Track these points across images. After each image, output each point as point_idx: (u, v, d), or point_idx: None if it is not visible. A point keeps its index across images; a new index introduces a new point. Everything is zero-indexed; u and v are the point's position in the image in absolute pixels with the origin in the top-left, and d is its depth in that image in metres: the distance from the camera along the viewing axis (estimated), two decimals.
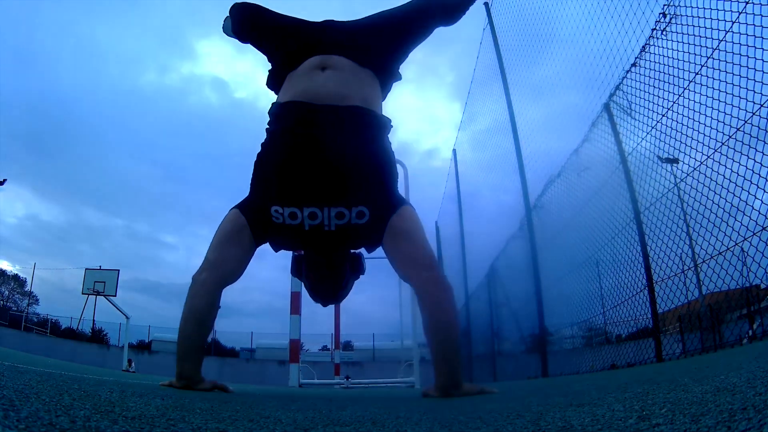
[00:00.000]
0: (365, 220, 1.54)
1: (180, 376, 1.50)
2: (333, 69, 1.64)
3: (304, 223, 1.53)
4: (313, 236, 1.57)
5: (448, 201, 11.54)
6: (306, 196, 1.52)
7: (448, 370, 1.49)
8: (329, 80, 1.61)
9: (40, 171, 64.46)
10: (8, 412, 0.51)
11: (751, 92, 2.22)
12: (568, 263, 4.69)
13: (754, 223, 2.30)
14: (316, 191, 1.52)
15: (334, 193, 1.52)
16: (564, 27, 4.26)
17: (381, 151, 1.62)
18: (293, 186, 1.52)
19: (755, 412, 0.51)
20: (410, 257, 1.55)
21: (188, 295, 1.54)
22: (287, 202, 1.52)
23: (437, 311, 1.50)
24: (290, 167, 1.53)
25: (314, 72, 1.64)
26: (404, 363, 8.64)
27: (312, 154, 1.51)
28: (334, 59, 1.66)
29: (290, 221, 1.53)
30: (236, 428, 0.62)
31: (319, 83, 1.60)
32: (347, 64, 1.66)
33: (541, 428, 0.59)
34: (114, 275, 16.35)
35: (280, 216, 1.54)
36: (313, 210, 1.52)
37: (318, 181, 1.51)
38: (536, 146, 5.45)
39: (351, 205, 1.53)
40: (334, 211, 1.52)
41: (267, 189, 1.58)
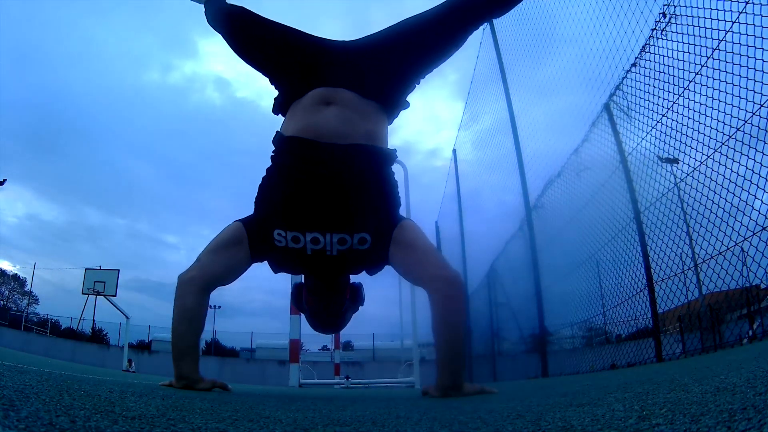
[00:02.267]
0: (366, 246, 1.57)
1: (179, 376, 1.51)
2: (337, 104, 1.62)
3: (306, 247, 1.55)
4: (315, 260, 1.59)
5: (448, 201, 11.54)
6: (309, 222, 1.54)
7: (452, 370, 1.49)
8: (333, 117, 1.60)
9: (41, 170, 64.55)
10: (8, 412, 0.51)
11: (751, 92, 2.22)
12: (568, 263, 4.69)
13: (754, 223, 2.30)
14: (319, 218, 1.54)
15: (337, 221, 1.55)
16: (564, 27, 4.26)
17: (383, 183, 1.63)
18: (297, 213, 1.55)
19: (755, 412, 0.51)
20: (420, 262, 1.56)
21: (176, 296, 1.55)
22: (290, 226, 1.55)
23: (449, 310, 1.49)
24: (293, 198, 1.56)
25: (318, 107, 1.62)
26: (404, 363, 8.64)
27: (315, 188, 1.54)
28: (338, 93, 1.64)
29: (293, 245, 1.56)
30: (236, 428, 0.62)
31: (323, 120, 1.59)
32: (352, 98, 1.64)
33: (541, 428, 0.59)
34: (114, 275, 16.36)
35: (283, 239, 1.56)
36: (316, 235, 1.54)
37: (321, 210, 1.54)
38: (536, 146, 5.46)
39: (353, 231, 1.55)
40: (336, 237, 1.55)
41: (270, 213, 1.59)
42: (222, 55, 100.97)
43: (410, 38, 1.73)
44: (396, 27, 1.76)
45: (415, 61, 1.75)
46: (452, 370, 1.49)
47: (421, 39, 1.73)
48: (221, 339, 28.14)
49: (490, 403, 1.05)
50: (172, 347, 1.54)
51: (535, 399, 1.07)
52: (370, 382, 8.28)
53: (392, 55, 1.72)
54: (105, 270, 16.81)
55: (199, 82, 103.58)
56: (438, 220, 13.32)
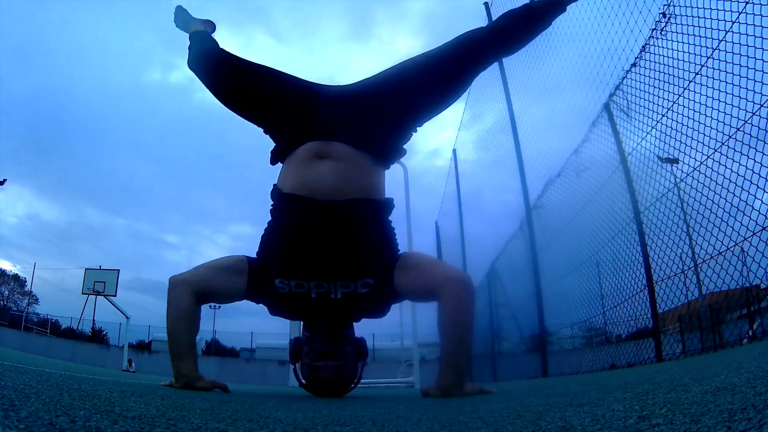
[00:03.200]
0: (368, 290, 1.58)
1: (178, 375, 1.50)
2: (332, 159, 1.59)
3: (311, 291, 1.57)
4: (320, 304, 1.59)
5: (448, 201, 11.54)
6: (311, 273, 1.56)
7: (455, 370, 1.49)
8: (328, 173, 1.58)
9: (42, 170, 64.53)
10: (8, 412, 0.51)
11: (751, 92, 2.22)
12: (568, 263, 4.69)
13: (754, 223, 2.30)
14: (321, 269, 1.56)
15: (338, 270, 1.56)
16: (564, 27, 4.26)
17: (382, 232, 1.64)
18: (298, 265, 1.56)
19: (755, 412, 0.51)
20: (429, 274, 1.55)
21: (170, 297, 1.55)
22: (293, 275, 1.57)
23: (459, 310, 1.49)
24: (295, 253, 1.57)
25: (313, 161, 1.60)
26: (404, 363, 8.63)
27: (314, 242, 1.56)
28: (332, 147, 1.60)
29: (297, 290, 1.57)
30: (236, 428, 0.62)
31: (318, 177, 1.57)
32: (346, 152, 1.60)
33: (541, 428, 0.59)
34: (114, 275, 16.36)
35: (286, 286, 1.57)
36: (319, 282, 1.57)
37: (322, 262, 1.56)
38: (536, 146, 5.46)
39: (356, 278, 1.57)
40: (339, 284, 1.57)
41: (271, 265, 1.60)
42: None
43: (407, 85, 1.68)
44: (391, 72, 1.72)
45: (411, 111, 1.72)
46: (455, 369, 1.49)
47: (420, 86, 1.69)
48: (221, 339, 28.17)
49: (490, 403, 1.05)
50: (170, 347, 1.54)
51: (535, 399, 1.07)
52: (370, 382, 8.28)
53: (387, 105, 1.69)
54: (105, 270, 16.82)
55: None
56: (438, 220, 13.32)
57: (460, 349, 1.50)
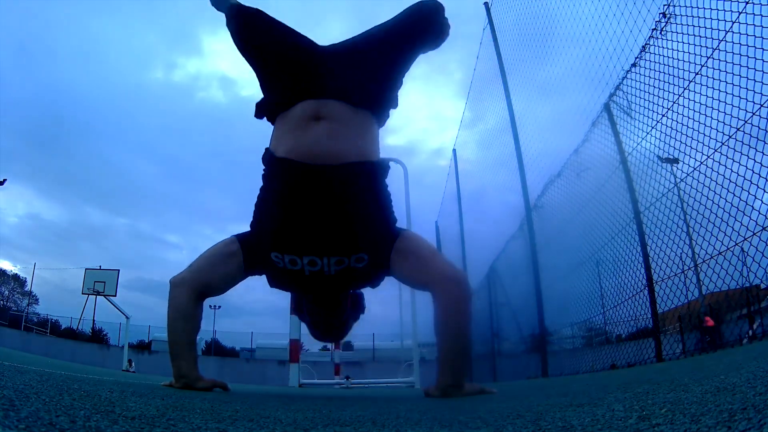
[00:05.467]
0: (364, 264, 1.56)
1: (178, 375, 1.50)
2: (327, 119, 1.57)
3: (304, 269, 1.55)
4: (314, 280, 1.58)
5: (448, 201, 11.55)
6: (305, 247, 1.53)
7: (454, 370, 1.49)
8: (323, 135, 1.55)
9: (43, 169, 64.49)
10: (8, 412, 0.51)
11: (751, 92, 2.22)
12: (568, 263, 4.69)
13: (754, 223, 2.30)
14: (315, 243, 1.53)
15: (333, 244, 1.53)
16: (564, 27, 4.26)
17: (378, 197, 1.61)
18: (292, 238, 1.54)
19: (755, 412, 0.51)
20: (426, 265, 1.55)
21: (170, 297, 1.56)
22: (287, 250, 1.54)
23: (456, 309, 1.49)
24: (288, 222, 1.54)
25: (308, 123, 1.57)
26: (404, 363, 8.63)
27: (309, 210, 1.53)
28: (328, 107, 1.59)
29: (291, 267, 1.55)
30: (236, 428, 0.62)
31: (313, 139, 1.55)
32: (341, 111, 1.59)
33: (541, 428, 0.59)
34: (114, 275, 16.36)
35: (281, 261, 1.55)
36: (313, 258, 1.53)
37: (316, 234, 1.53)
38: (536, 146, 5.46)
39: (350, 253, 1.54)
40: (333, 259, 1.54)
41: (266, 237, 1.58)
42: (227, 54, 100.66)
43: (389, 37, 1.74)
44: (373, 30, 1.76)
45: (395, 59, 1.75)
46: (454, 369, 1.48)
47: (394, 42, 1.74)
48: (221, 339, 28.18)
49: (490, 403, 1.05)
50: (169, 347, 1.54)
51: (535, 399, 1.07)
52: (370, 382, 8.28)
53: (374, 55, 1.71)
54: (105, 270, 16.81)
55: (203, 81, 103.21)
56: (438, 220, 13.33)
57: (458, 349, 1.50)
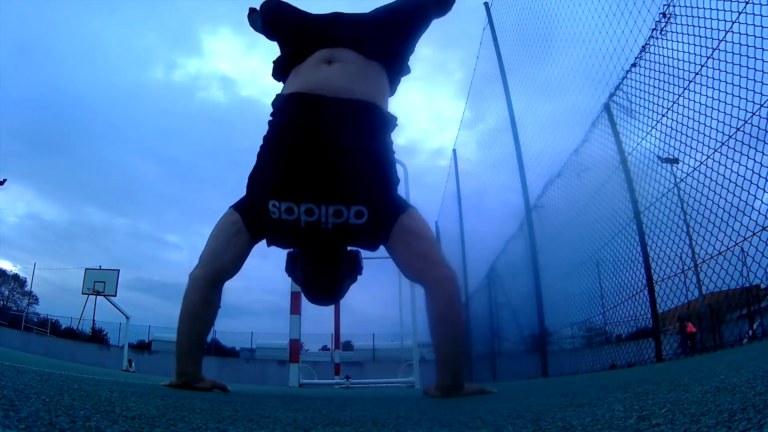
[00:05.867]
0: (364, 221, 1.51)
1: (179, 373, 1.49)
2: (340, 62, 1.62)
3: (300, 219, 1.50)
4: (309, 233, 1.53)
5: (448, 200, 11.54)
6: (303, 192, 1.49)
7: (452, 370, 1.48)
8: (335, 73, 1.59)
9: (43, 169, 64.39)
10: (8, 412, 0.51)
11: (751, 92, 2.22)
12: (568, 263, 4.69)
13: (754, 223, 2.30)
14: (314, 187, 1.49)
15: (333, 190, 1.49)
16: (564, 27, 4.26)
17: (383, 148, 1.59)
18: (291, 180, 1.50)
19: (755, 412, 0.51)
20: (424, 254, 1.53)
21: (184, 293, 1.53)
22: (284, 196, 1.49)
23: (448, 308, 1.49)
24: (290, 160, 1.50)
25: (320, 65, 1.62)
26: (404, 363, 8.63)
27: (313, 147, 1.49)
28: (341, 52, 1.64)
29: (286, 216, 1.50)
30: (236, 428, 0.62)
31: (325, 76, 1.59)
32: (354, 57, 1.64)
33: (541, 428, 0.59)
34: (114, 275, 16.36)
35: (277, 210, 1.50)
36: (310, 206, 1.49)
37: (317, 177, 1.48)
38: (536, 146, 5.46)
39: (350, 203, 1.49)
40: (332, 209, 1.49)
41: (265, 183, 1.55)
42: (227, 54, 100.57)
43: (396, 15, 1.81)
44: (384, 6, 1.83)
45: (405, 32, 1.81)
46: (453, 369, 1.48)
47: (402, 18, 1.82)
48: (221, 339, 28.14)
49: (490, 403, 1.05)
50: (177, 344, 1.53)
51: (535, 399, 1.07)
52: (370, 382, 8.28)
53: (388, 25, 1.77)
54: (105, 270, 16.81)
55: (203, 81, 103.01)
56: (438, 220, 13.32)
57: (453, 348, 1.50)
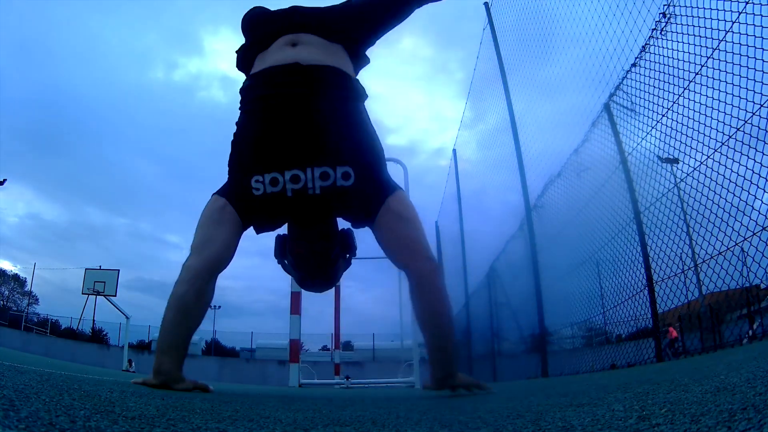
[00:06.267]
0: (351, 182, 1.45)
1: (157, 371, 1.34)
2: (303, 44, 1.63)
3: (286, 188, 1.44)
4: (297, 203, 1.47)
5: (448, 201, 11.54)
6: (286, 159, 1.44)
7: (443, 360, 1.49)
8: (302, 51, 1.60)
9: (43, 169, 64.42)
10: (8, 412, 0.51)
11: (751, 92, 2.22)
12: (568, 263, 4.69)
13: (754, 223, 2.30)
14: (297, 151, 1.44)
15: (316, 151, 1.44)
16: (564, 27, 4.26)
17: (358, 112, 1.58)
18: (271, 150, 1.45)
19: (755, 412, 0.51)
20: (408, 241, 1.50)
21: (175, 283, 1.42)
22: (267, 168, 1.44)
23: (433, 299, 1.48)
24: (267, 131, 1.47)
25: (285, 48, 1.63)
26: (404, 363, 8.64)
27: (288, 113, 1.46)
28: (303, 36, 1.65)
29: (272, 188, 1.44)
30: (236, 428, 0.62)
31: (292, 53, 1.59)
32: (317, 40, 1.65)
33: (541, 428, 0.59)
34: (114, 275, 16.36)
35: (261, 185, 1.45)
36: (296, 172, 1.43)
37: (297, 141, 1.44)
38: (536, 146, 5.46)
39: (335, 163, 1.44)
40: (318, 171, 1.43)
41: (245, 162, 1.50)
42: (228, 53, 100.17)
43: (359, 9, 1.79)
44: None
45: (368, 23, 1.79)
46: (444, 361, 1.49)
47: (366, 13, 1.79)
48: (221, 339, 28.18)
49: (490, 403, 1.05)
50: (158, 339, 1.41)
51: (535, 399, 1.07)
52: (370, 382, 8.29)
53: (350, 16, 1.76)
54: (105, 270, 16.82)
55: (204, 80, 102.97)
56: (438, 220, 13.32)
57: (444, 339, 1.49)
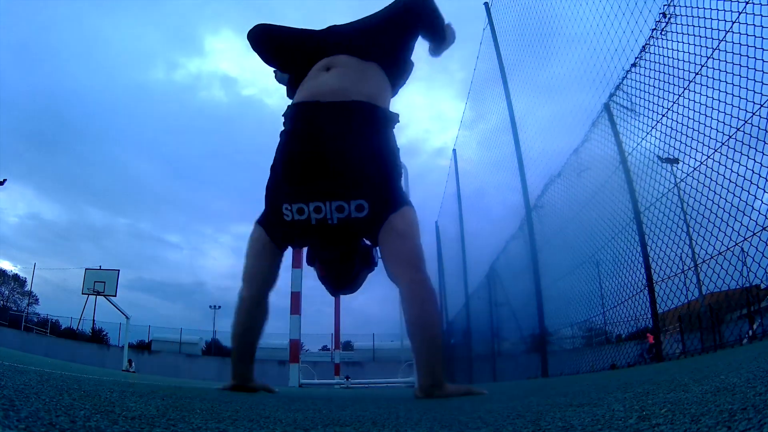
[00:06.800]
0: (365, 214, 1.60)
1: (234, 376, 1.74)
2: (337, 67, 1.76)
3: (311, 217, 1.62)
4: (321, 230, 1.65)
5: (448, 200, 11.54)
6: (310, 192, 1.61)
7: (430, 370, 1.54)
8: (332, 78, 1.73)
9: (44, 169, 64.46)
10: (8, 412, 0.51)
11: (751, 92, 2.22)
12: (568, 263, 4.69)
13: (754, 223, 2.30)
14: (318, 186, 1.61)
15: (333, 186, 1.60)
16: (564, 27, 4.26)
17: (382, 145, 1.68)
18: (298, 183, 1.63)
19: (755, 412, 0.51)
20: (401, 257, 1.62)
21: (236, 311, 1.74)
22: (294, 199, 1.63)
23: (422, 312, 1.57)
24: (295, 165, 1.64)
25: (320, 73, 1.78)
26: (404, 363, 8.63)
27: (313, 150, 1.62)
28: (338, 59, 1.78)
29: (298, 216, 1.63)
30: (236, 428, 0.62)
31: (323, 81, 1.73)
32: (350, 61, 1.77)
33: (541, 428, 0.59)
34: (114, 275, 16.36)
35: (290, 213, 1.64)
36: (318, 204, 1.61)
37: (319, 177, 1.61)
38: (537, 146, 5.45)
39: (350, 198, 1.60)
40: (334, 204, 1.60)
41: (277, 190, 1.70)
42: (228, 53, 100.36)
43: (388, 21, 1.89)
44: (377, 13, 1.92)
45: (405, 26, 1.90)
46: (431, 370, 1.54)
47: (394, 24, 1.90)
48: (221, 339, 28.14)
49: (490, 403, 1.05)
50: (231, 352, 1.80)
51: (535, 399, 1.07)
52: (370, 382, 8.29)
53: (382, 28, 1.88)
54: (105, 270, 16.81)
55: (205, 80, 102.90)
56: (438, 220, 13.32)
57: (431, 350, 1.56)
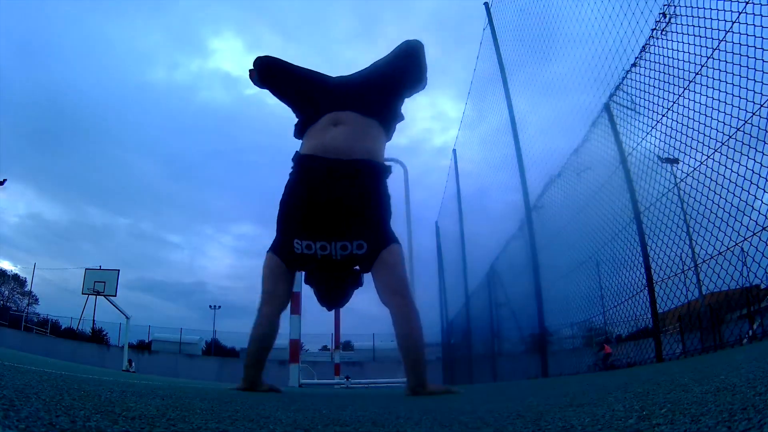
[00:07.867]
0: (364, 252, 1.98)
1: (246, 379, 2.06)
2: (343, 124, 2.08)
3: (317, 253, 1.98)
4: (325, 262, 2.01)
5: (448, 201, 11.54)
6: (317, 233, 1.97)
7: (416, 374, 1.95)
8: (339, 136, 2.04)
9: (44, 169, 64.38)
10: (8, 412, 0.51)
11: (751, 92, 2.22)
12: (568, 263, 4.69)
13: (754, 223, 2.30)
14: (325, 229, 1.97)
15: (338, 231, 1.97)
16: (564, 27, 4.26)
17: (378, 195, 2.06)
18: (307, 224, 1.98)
19: (755, 412, 0.51)
20: (391, 286, 2.00)
21: (254, 323, 2.07)
22: (304, 236, 1.98)
23: (409, 329, 1.98)
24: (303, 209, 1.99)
25: (329, 127, 2.08)
26: None
27: (320, 199, 1.96)
28: (344, 115, 2.10)
29: (306, 251, 1.99)
30: (236, 428, 0.62)
31: (330, 138, 2.04)
32: (355, 118, 2.10)
33: (541, 428, 0.59)
34: (114, 275, 16.35)
35: (300, 247, 1.99)
36: (323, 243, 1.97)
37: (325, 222, 1.96)
38: (537, 146, 5.45)
39: (352, 239, 1.97)
40: (339, 244, 1.97)
41: (289, 226, 2.04)
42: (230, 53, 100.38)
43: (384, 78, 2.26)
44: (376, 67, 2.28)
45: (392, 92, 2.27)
46: (416, 373, 1.95)
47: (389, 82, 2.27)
48: (221, 339, 28.20)
49: (490, 403, 1.05)
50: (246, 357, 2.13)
51: (535, 399, 1.07)
52: (370, 382, 8.29)
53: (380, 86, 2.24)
54: (105, 270, 16.81)
55: (206, 80, 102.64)
56: (438, 220, 13.32)
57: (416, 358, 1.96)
